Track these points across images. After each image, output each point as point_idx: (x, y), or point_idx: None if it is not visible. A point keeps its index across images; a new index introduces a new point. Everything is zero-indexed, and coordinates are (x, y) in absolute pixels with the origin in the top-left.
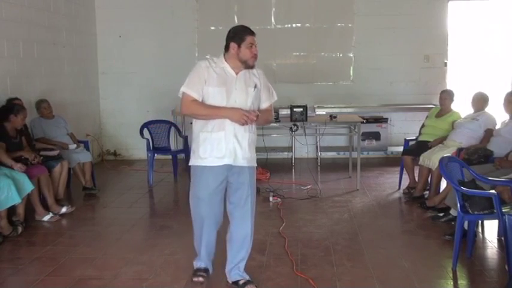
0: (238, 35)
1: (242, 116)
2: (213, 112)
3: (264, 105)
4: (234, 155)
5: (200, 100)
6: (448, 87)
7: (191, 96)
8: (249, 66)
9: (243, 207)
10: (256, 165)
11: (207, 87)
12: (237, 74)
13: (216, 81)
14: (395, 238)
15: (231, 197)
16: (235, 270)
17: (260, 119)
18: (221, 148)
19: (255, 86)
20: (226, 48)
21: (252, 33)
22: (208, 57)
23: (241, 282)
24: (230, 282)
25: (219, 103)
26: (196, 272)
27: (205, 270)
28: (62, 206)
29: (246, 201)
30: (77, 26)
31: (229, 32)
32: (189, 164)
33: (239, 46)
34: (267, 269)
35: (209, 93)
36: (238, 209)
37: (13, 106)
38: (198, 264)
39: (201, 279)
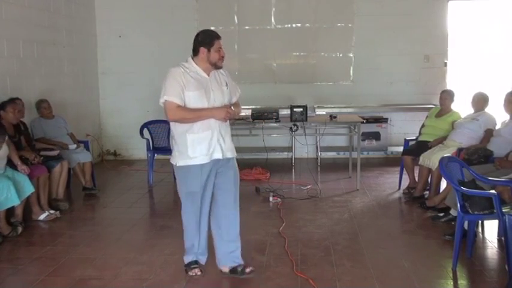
0: (207, 40)
1: (226, 113)
2: (199, 114)
3: (234, 99)
4: (220, 149)
5: (183, 105)
6: (448, 87)
7: (175, 103)
8: (218, 67)
9: (234, 195)
10: (236, 154)
11: (187, 92)
12: (208, 75)
13: (193, 85)
14: (395, 238)
15: (220, 191)
16: (232, 260)
17: (235, 113)
18: (209, 145)
19: (226, 84)
20: (195, 52)
21: (219, 37)
22: (184, 62)
23: (239, 268)
24: (223, 270)
25: (201, 105)
26: (190, 265)
27: (197, 262)
28: (44, 211)
29: (234, 187)
30: (77, 26)
31: (197, 37)
32: (177, 164)
33: (209, 50)
34: (267, 269)
35: (190, 97)
36: (230, 197)
37: (1, 103)
38: (189, 258)
39: (197, 271)
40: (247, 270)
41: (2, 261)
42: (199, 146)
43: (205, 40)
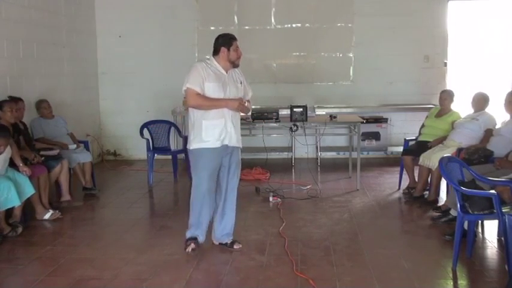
0: (227, 41)
1: (239, 105)
2: (215, 103)
3: (247, 97)
4: (230, 136)
5: (202, 93)
6: (448, 87)
7: (195, 91)
8: (236, 65)
9: (233, 180)
10: (241, 145)
11: (207, 83)
12: (227, 72)
13: (213, 78)
14: (395, 238)
15: (224, 175)
16: (225, 235)
17: (247, 108)
18: (221, 132)
19: (241, 82)
20: (216, 52)
21: (236, 38)
22: (207, 57)
23: (228, 242)
24: (217, 243)
25: (218, 95)
26: (188, 240)
27: (195, 238)
28: (48, 211)
29: (234, 175)
30: (77, 26)
31: (218, 39)
32: (191, 148)
33: (228, 50)
34: (267, 269)
35: (209, 87)
36: (231, 182)
37: None
38: (190, 234)
39: (193, 245)
40: (236, 246)
41: (1, 261)
42: (212, 131)
43: (225, 41)
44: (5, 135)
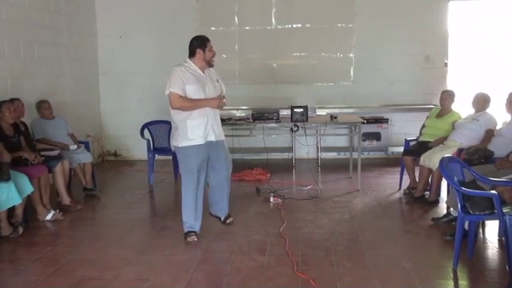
0: (202, 42)
1: (219, 103)
2: (197, 103)
3: (222, 94)
4: (214, 133)
5: (184, 96)
6: (449, 87)
7: (178, 94)
8: (211, 64)
9: (222, 173)
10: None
11: (188, 86)
12: (203, 73)
13: (193, 80)
14: (396, 238)
15: (215, 165)
16: (221, 211)
17: (224, 104)
18: (205, 129)
19: (217, 81)
20: (192, 54)
21: (209, 40)
22: (184, 62)
23: (222, 218)
24: (213, 214)
25: (199, 96)
26: (188, 233)
27: (194, 231)
28: (50, 211)
29: (224, 168)
30: (78, 26)
31: (193, 41)
32: (179, 145)
33: (204, 51)
34: (267, 269)
35: (190, 89)
36: (223, 171)
37: None
38: (187, 228)
39: (194, 237)
40: (228, 221)
41: (3, 261)
42: (197, 130)
43: (200, 43)
44: None
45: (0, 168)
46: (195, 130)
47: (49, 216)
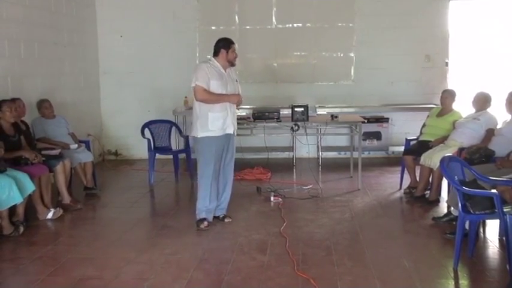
0: (227, 44)
1: (239, 99)
2: (220, 98)
3: (239, 92)
4: (232, 126)
5: (208, 89)
6: (449, 86)
7: (203, 87)
8: (233, 64)
9: (230, 164)
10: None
11: (212, 81)
12: (225, 71)
13: (216, 77)
14: (397, 238)
15: (224, 159)
16: (219, 209)
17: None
18: (224, 122)
19: (236, 80)
20: (216, 53)
21: (234, 43)
22: (208, 57)
23: (221, 216)
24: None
25: (221, 91)
26: (200, 221)
27: (206, 219)
28: (50, 210)
29: (231, 158)
30: (78, 25)
31: (219, 42)
32: (199, 136)
33: (227, 52)
34: (268, 268)
35: (214, 85)
36: (227, 165)
37: None
38: (200, 216)
39: (206, 223)
40: (226, 220)
41: (3, 260)
42: (217, 122)
43: (225, 45)
44: None
45: None
46: (215, 122)
47: (49, 215)
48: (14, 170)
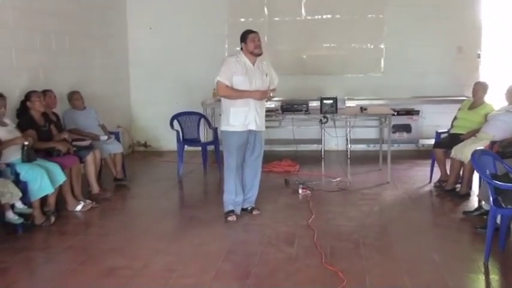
0: (243, 36)
1: (261, 95)
2: (241, 94)
3: (272, 86)
4: (255, 122)
5: (230, 86)
6: (481, 79)
7: (224, 83)
8: (256, 54)
9: (257, 160)
10: (264, 129)
11: (235, 77)
12: (253, 65)
13: (241, 72)
14: (426, 231)
15: (250, 153)
16: (247, 202)
17: (272, 97)
18: (246, 118)
19: (267, 74)
20: (241, 48)
21: (251, 32)
22: (237, 49)
23: (249, 208)
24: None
25: (244, 87)
26: (228, 213)
27: (233, 211)
28: (80, 202)
29: (259, 155)
30: (108, 17)
31: (240, 37)
32: (222, 129)
33: (246, 43)
34: (296, 261)
35: (237, 80)
36: (254, 161)
37: (26, 95)
38: (228, 208)
39: (234, 217)
40: (254, 212)
41: (35, 249)
42: (238, 117)
43: (242, 38)
44: (1, 95)
45: (22, 150)
46: (236, 117)
47: (79, 207)
48: (46, 161)
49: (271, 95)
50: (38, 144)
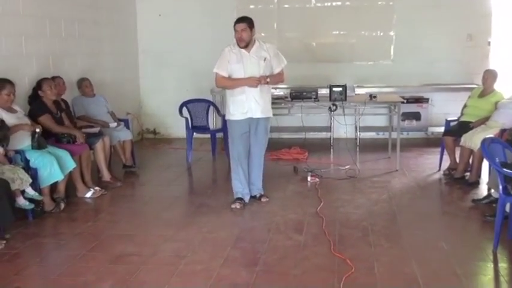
0: (234, 26)
1: (254, 82)
2: (235, 83)
3: (276, 70)
4: (253, 110)
5: (227, 76)
6: (492, 66)
7: (220, 74)
8: (240, 46)
9: (256, 146)
10: (271, 115)
11: (230, 65)
12: (249, 52)
13: (235, 60)
14: (435, 219)
15: (254, 140)
16: (256, 189)
17: (272, 81)
18: (244, 106)
19: (265, 59)
20: None
21: (236, 22)
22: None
23: (258, 195)
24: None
25: (239, 75)
26: (235, 201)
27: (241, 199)
28: (89, 189)
29: (256, 142)
30: (117, 4)
31: None
32: (225, 118)
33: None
34: (304, 248)
35: (232, 69)
36: (257, 147)
37: (37, 82)
38: (236, 195)
39: (237, 204)
40: (263, 199)
41: (45, 236)
42: (237, 106)
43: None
44: (10, 81)
45: (32, 137)
46: (235, 106)
47: (88, 194)
48: (56, 148)
49: (267, 80)
50: (56, 128)
